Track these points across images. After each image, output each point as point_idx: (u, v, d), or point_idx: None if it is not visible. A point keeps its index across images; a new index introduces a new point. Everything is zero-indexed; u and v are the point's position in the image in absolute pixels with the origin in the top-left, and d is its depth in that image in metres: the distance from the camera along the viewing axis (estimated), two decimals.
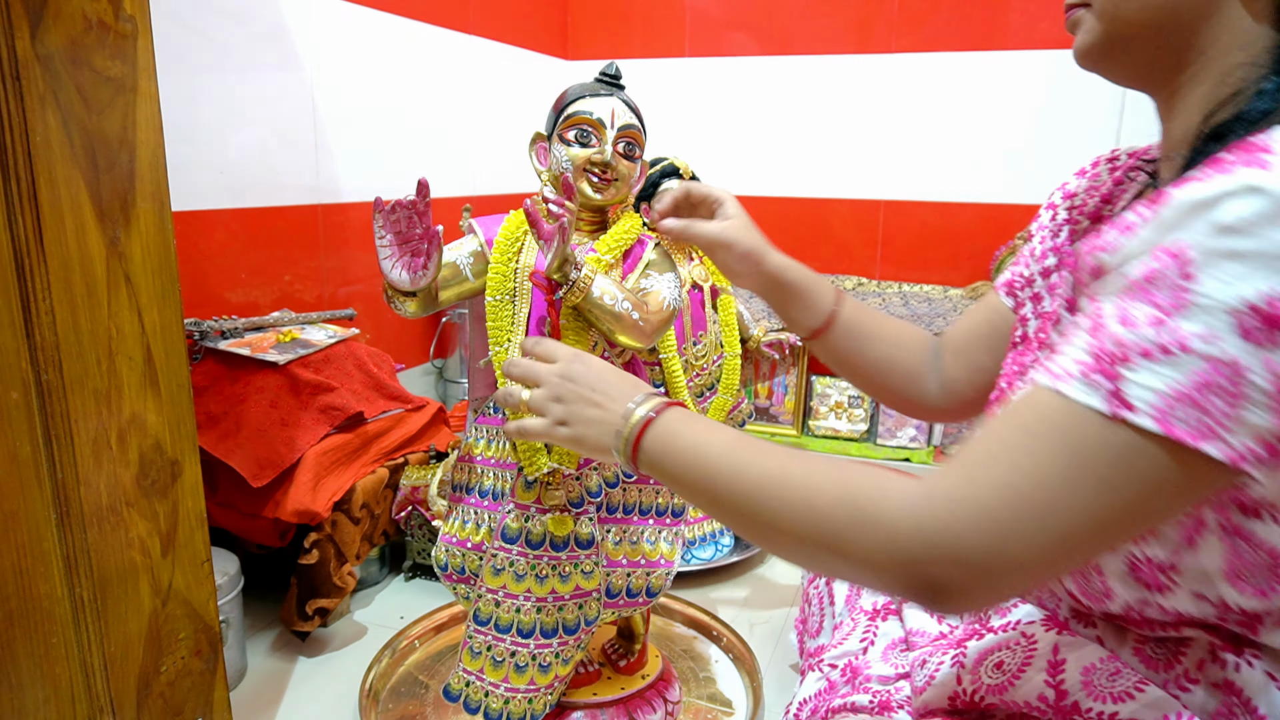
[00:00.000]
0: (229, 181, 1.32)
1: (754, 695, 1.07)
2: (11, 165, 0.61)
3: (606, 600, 0.91)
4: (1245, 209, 0.41)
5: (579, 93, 0.86)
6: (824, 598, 0.90)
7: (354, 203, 1.58)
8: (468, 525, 0.92)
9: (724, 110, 2.21)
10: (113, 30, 0.67)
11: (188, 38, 1.23)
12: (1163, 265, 0.43)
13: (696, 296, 1.41)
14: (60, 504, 0.67)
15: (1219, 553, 0.49)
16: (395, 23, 1.66)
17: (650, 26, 2.24)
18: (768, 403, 1.79)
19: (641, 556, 0.92)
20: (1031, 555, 0.45)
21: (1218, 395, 0.41)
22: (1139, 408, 0.42)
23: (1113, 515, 0.44)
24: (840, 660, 0.78)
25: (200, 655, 0.83)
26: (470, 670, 0.90)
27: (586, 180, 0.86)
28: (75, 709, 0.70)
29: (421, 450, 1.32)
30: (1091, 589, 0.57)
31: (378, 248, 0.78)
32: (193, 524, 0.80)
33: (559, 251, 0.76)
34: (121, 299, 0.70)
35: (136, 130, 0.70)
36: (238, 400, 1.17)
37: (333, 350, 1.29)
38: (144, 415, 0.74)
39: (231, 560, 1.10)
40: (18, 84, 0.61)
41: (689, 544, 1.43)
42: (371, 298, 1.64)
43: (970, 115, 1.99)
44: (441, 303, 0.86)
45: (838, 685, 0.74)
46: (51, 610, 0.68)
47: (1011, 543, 0.44)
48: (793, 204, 2.18)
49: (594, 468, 0.88)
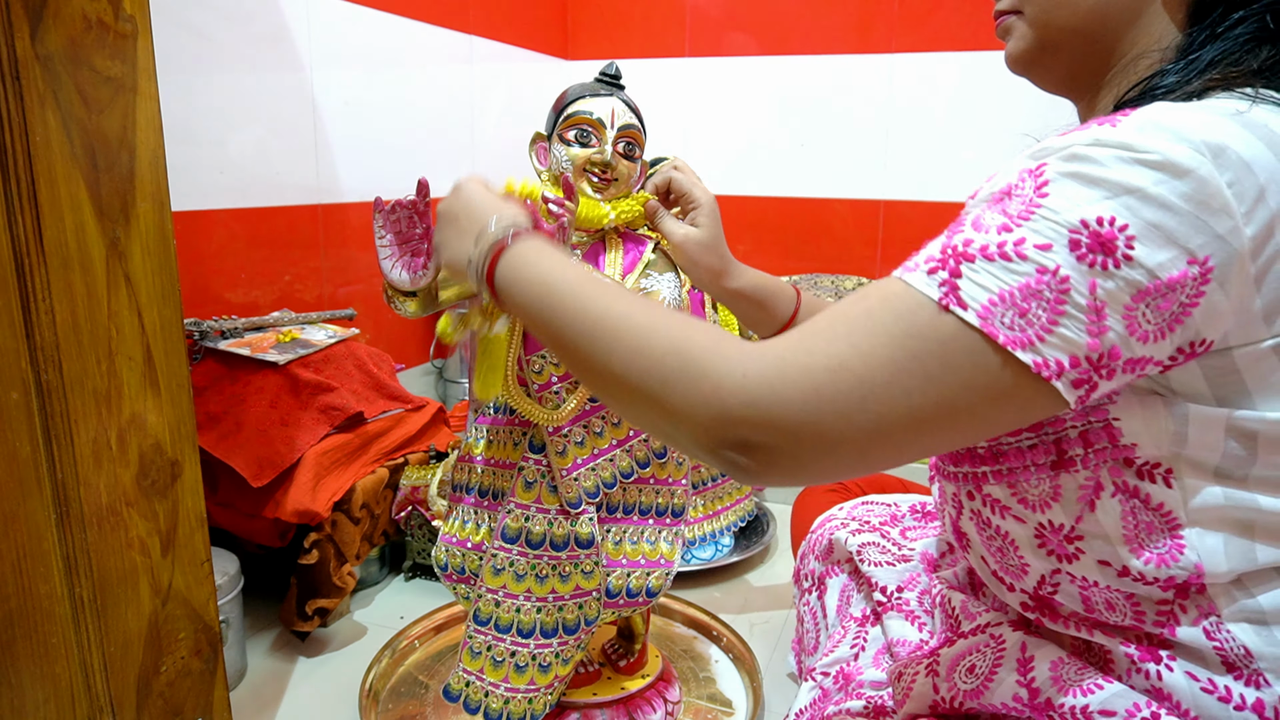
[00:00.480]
0: (229, 181, 1.32)
1: (754, 695, 1.07)
2: (11, 165, 0.61)
3: (606, 600, 0.91)
4: (1097, 146, 0.44)
5: (579, 93, 0.86)
6: (816, 614, 0.90)
7: (354, 203, 1.58)
8: (468, 525, 0.92)
9: (724, 110, 2.20)
10: (112, 30, 0.67)
11: (188, 38, 1.23)
12: (1020, 181, 0.46)
13: (696, 296, 1.41)
14: (60, 504, 0.67)
15: (1116, 515, 0.51)
16: (395, 23, 1.66)
17: (650, 26, 2.24)
18: None
19: (641, 556, 0.92)
20: (847, 432, 0.45)
21: (1040, 304, 0.43)
22: (968, 304, 0.44)
23: (931, 408, 0.45)
24: (832, 668, 0.78)
25: (200, 655, 0.83)
26: (470, 670, 0.90)
27: (586, 180, 0.86)
28: (75, 709, 0.70)
29: (421, 450, 1.32)
30: (1008, 563, 0.58)
31: (378, 248, 0.78)
32: (193, 524, 0.80)
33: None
34: (121, 299, 0.70)
35: (136, 130, 0.70)
36: (238, 400, 1.17)
37: (333, 350, 1.29)
38: (144, 415, 0.74)
39: (231, 560, 1.10)
40: (18, 84, 0.61)
41: (689, 544, 1.43)
42: (371, 298, 1.64)
43: (970, 115, 1.99)
44: (441, 303, 0.86)
45: (831, 693, 0.75)
46: (51, 610, 0.68)
47: (829, 415, 0.45)
48: (793, 204, 2.18)
49: (592, 468, 0.88)
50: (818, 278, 2.11)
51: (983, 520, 0.59)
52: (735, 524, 1.47)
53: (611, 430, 0.89)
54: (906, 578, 0.79)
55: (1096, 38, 0.57)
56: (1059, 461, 0.52)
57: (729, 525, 1.46)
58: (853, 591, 0.86)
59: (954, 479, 0.60)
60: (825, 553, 0.91)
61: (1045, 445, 0.52)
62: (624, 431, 0.89)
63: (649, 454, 0.91)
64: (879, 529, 0.87)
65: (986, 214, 0.46)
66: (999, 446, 0.55)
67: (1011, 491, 0.55)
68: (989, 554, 0.60)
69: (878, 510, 0.94)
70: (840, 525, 0.90)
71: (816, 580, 0.91)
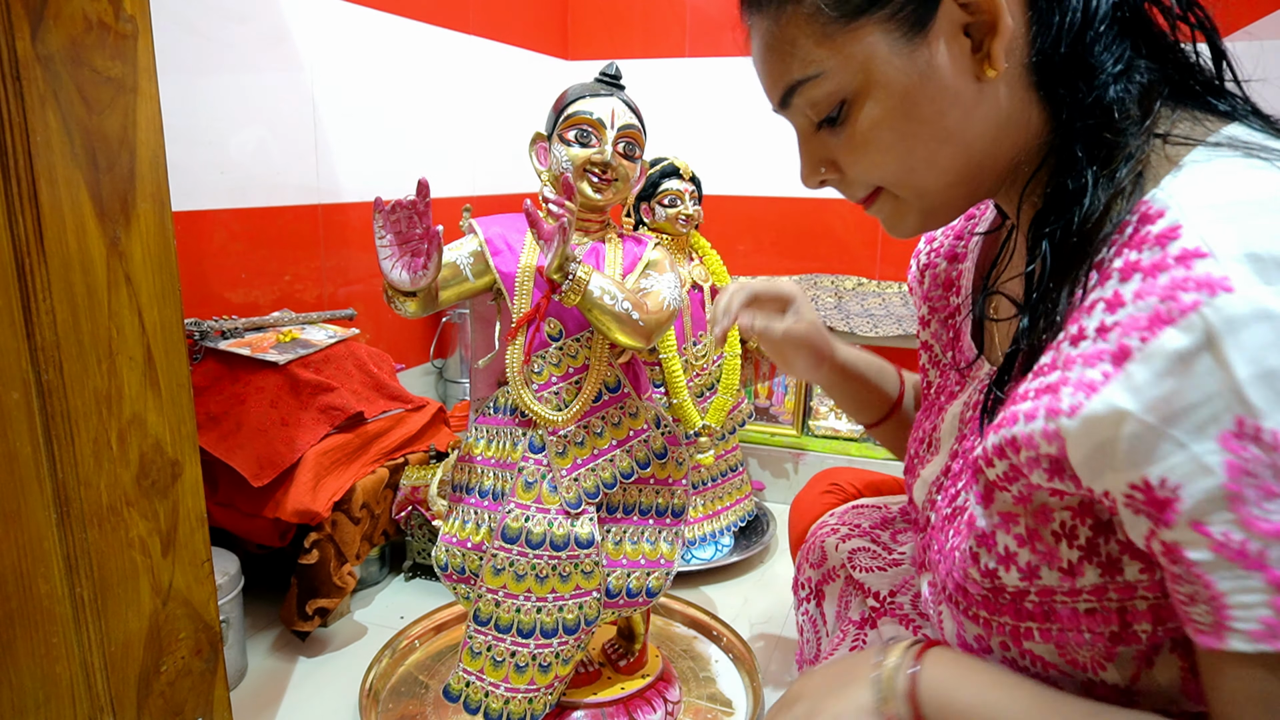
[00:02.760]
0: (229, 181, 1.32)
1: (754, 695, 1.07)
2: (12, 165, 0.61)
3: (606, 600, 0.91)
4: (1267, 338, 0.37)
5: (579, 93, 0.86)
6: (816, 621, 0.90)
7: (354, 203, 1.58)
8: (468, 525, 0.92)
9: (724, 110, 2.20)
10: (113, 30, 0.67)
11: (188, 38, 1.23)
12: (1241, 454, 0.38)
13: (696, 296, 1.41)
14: (61, 504, 0.67)
15: (1176, 671, 0.48)
16: (395, 23, 1.66)
17: (650, 26, 2.24)
18: (768, 403, 1.79)
19: (641, 556, 0.92)
20: None
21: None
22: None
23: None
24: None
25: (200, 655, 0.83)
26: (470, 670, 0.90)
27: (587, 180, 0.86)
28: (75, 709, 0.70)
29: (421, 450, 1.32)
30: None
31: (378, 248, 0.78)
32: (193, 524, 0.80)
33: (559, 251, 0.76)
34: (122, 299, 0.70)
35: (137, 130, 0.70)
36: (238, 400, 1.17)
37: (333, 350, 1.29)
38: (144, 415, 0.74)
39: (231, 560, 1.10)
40: (18, 84, 0.61)
41: (689, 544, 1.43)
42: (371, 298, 1.64)
43: None
44: (441, 303, 0.86)
45: None
46: (52, 610, 0.68)
47: None
48: (793, 204, 2.18)
49: (592, 468, 0.88)
50: (818, 278, 2.11)
51: (1019, 667, 0.54)
52: (735, 524, 1.47)
53: (611, 430, 0.89)
54: (899, 582, 0.79)
55: (973, 174, 0.54)
56: (1120, 633, 0.48)
57: (729, 525, 1.46)
58: (850, 596, 0.86)
59: (982, 624, 0.54)
60: (819, 560, 0.91)
61: (1106, 613, 0.48)
62: (624, 432, 0.90)
63: (649, 454, 0.91)
64: (869, 533, 0.87)
65: (1248, 519, 0.38)
66: (1051, 604, 0.50)
67: (1060, 652, 0.51)
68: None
69: (868, 514, 0.94)
70: (831, 531, 0.90)
71: (814, 589, 0.91)
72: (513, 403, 0.88)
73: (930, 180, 0.54)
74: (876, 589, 0.79)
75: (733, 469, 1.48)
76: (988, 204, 0.71)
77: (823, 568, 0.91)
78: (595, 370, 0.87)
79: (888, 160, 0.54)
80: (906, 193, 0.56)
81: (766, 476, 1.79)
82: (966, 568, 0.54)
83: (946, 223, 0.59)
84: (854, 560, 0.84)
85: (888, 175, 0.55)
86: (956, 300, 0.72)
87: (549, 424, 0.86)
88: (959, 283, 0.73)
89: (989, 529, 0.51)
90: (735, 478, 1.48)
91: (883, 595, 0.79)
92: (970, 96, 0.51)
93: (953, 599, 0.57)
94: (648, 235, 0.93)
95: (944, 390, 0.70)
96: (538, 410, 0.86)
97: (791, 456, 1.76)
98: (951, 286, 0.74)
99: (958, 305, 0.72)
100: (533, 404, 0.86)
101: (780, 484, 1.78)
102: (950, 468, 0.64)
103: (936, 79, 0.50)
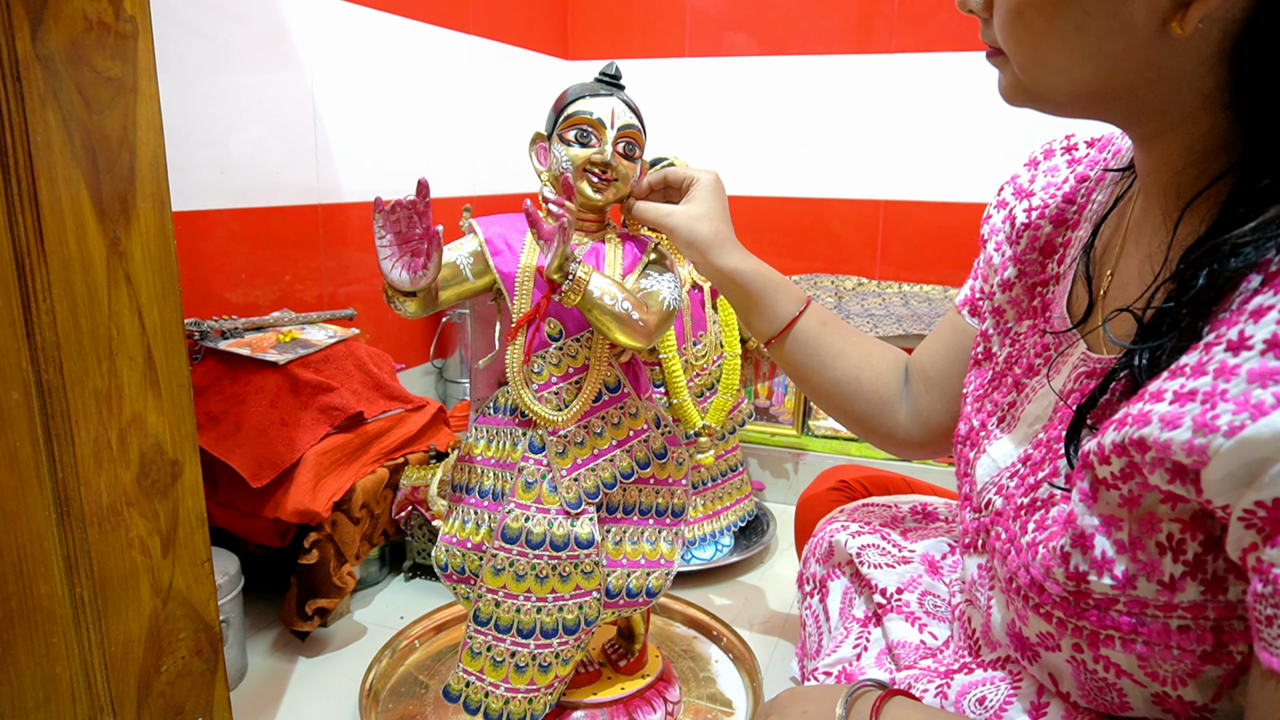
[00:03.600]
0: (229, 181, 1.32)
1: (754, 695, 1.07)
2: (11, 165, 0.61)
3: (606, 600, 0.91)
4: None
5: (579, 93, 0.86)
6: (819, 617, 0.90)
7: (354, 203, 1.58)
8: (468, 525, 0.92)
9: (724, 110, 2.21)
10: (113, 30, 0.67)
11: (188, 38, 1.23)
12: None
13: (696, 296, 1.41)
14: (60, 504, 0.67)
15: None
16: (395, 23, 1.66)
17: (650, 26, 2.24)
18: (768, 403, 1.79)
19: (641, 556, 0.92)
20: None
21: None
22: None
23: None
24: (834, 668, 0.78)
25: (200, 655, 0.83)
26: (470, 670, 0.90)
27: (586, 180, 0.86)
28: (75, 709, 0.70)
29: (421, 450, 1.32)
30: (1103, 699, 0.54)
31: (378, 248, 0.78)
32: (193, 524, 0.80)
33: (559, 251, 0.76)
34: (122, 299, 0.70)
35: (137, 130, 0.70)
36: (238, 400, 1.17)
37: (333, 350, 1.29)
38: (144, 415, 0.74)
39: (231, 560, 1.10)
40: (18, 84, 0.61)
41: (689, 544, 1.43)
42: (371, 298, 1.64)
43: (970, 115, 1.99)
44: (441, 303, 0.86)
45: None
46: (51, 610, 0.68)
47: None
48: (793, 204, 2.18)
49: (592, 468, 0.88)
50: (817, 278, 2.11)
51: (1086, 670, 0.52)
52: (735, 524, 1.47)
53: (611, 430, 0.89)
54: (906, 579, 0.79)
55: (1105, 104, 0.50)
56: (1213, 653, 0.46)
57: (729, 525, 1.47)
58: (854, 594, 0.86)
59: (1055, 623, 0.53)
60: (826, 555, 0.91)
61: (1200, 632, 0.46)
62: (624, 432, 0.90)
63: (649, 454, 0.91)
64: (879, 530, 0.87)
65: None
66: (1140, 616, 0.48)
67: (1140, 664, 0.49)
68: (1076, 687, 0.55)
69: (878, 512, 0.94)
70: (840, 528, 0.90)
71: (818, 583, 0.91)
72: (513, 403, 0.88)
73: (1057, 84, 0.51)
74: (884, 585, 0.79)
75: (733, 469, 1.48)
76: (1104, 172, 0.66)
77: (829, 562, 0.91)
78: (595, 370, 0.87)
79: (1025, 41, 0.51)
80: (1029, 79, 0.52)
81: (766, 476, 1.79)
82: (1050, 566, 0.51)
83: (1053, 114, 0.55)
84: (863, 556, 0.83)
85: (1019, 56, 0.52)
86: (1057, 269, 0.67)
87: (549, 424, 0.86)
88: (1065, 251, 0.67)
89: (1089, 530, 0.49)
90: (735, 478, 1.48)
91: (890, 592, 0.78)
92: (1146, 38, 0.46)
93: (1021, 592, 0.55)
94: (648, 235, 0.93)
95: (1018, 362, 0.66)
96: (538, 410, 0.86)
97: (791, 456, 1.76)
98: (1054, 253, 0.68)
99: (1057, 274, 0.67)
100: (533, 404, 0.86)
101: (780, 484, 1.78)
102: (1031, 455, 0.60)
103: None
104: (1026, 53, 0.52)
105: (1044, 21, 0.49)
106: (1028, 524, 0.56)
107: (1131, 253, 0.59)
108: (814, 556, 0.93)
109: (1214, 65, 0.46)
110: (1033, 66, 0.52)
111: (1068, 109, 0.54)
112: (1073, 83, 0.50)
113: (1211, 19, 0.44)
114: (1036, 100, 0.54)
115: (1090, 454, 0.48)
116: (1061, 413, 0.59)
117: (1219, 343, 0.42)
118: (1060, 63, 0.50)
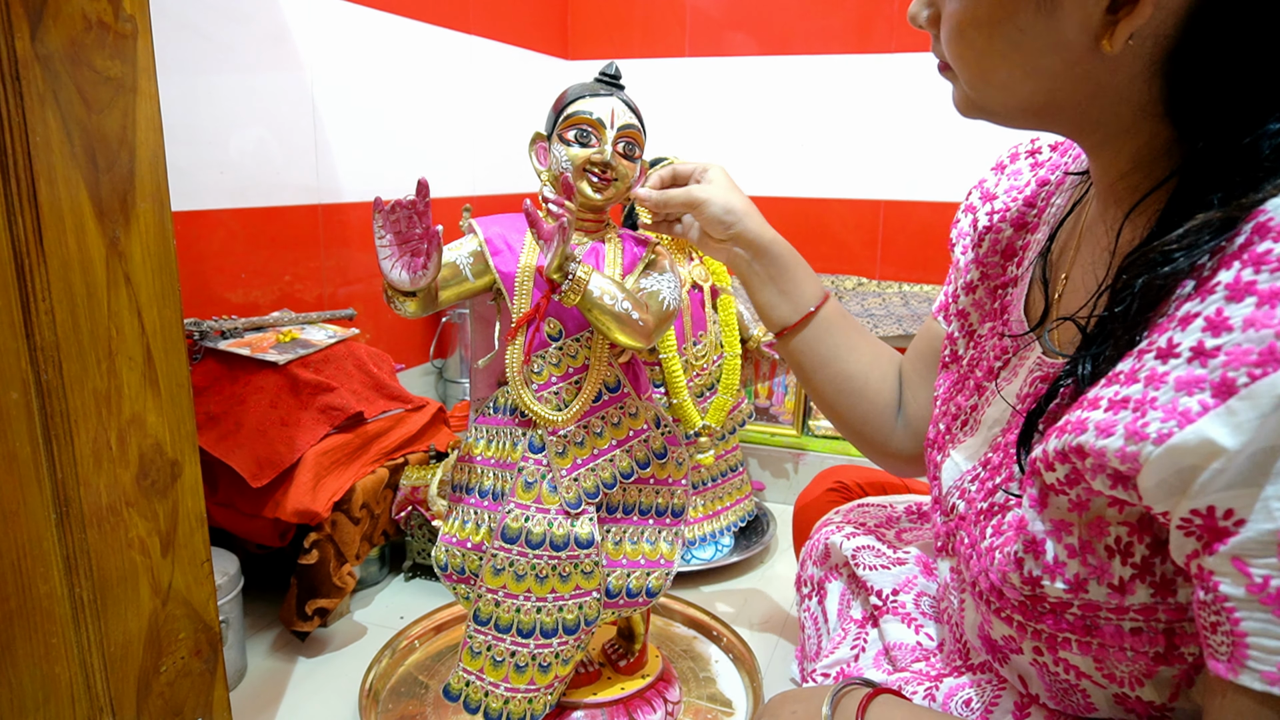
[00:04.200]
0: (229, 181, 1.32)
1: (754, 695, 1.07)
2: (11, 165, 0.61)
3: (606, 600, 0.91)
4: None
5: (579, 93, 0.86)
6: (818, 619, 0.90)
7: (354, 203, 1.58)
8: (468, 525, 0.92)
9: (724, 110, 2.21)
10: (113, 30, 0.67)
11: (188, 38, 1.23)
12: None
13: (696, 296, 1.41)
14: (60, 504, 0.67)
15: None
16: (395, 23, 1.66)
17: (650, 26, 2.24)
18: (768, 403, 1.79)
19: (641, 556, 0.92)
20: None
21: None
22: None
23: None
24: (832, 669, 0.78)
25: (200, 655, 0.83)
26: (470, 670, 0.90)
27: (586, 180, 0.86)
28: (75, 709, 0.70)
29: (421, 450, 1.32)
30: (1069, 701, 0.54)
31: (377, 248, 0.78)
32: (193, 524, 0.80)
33: (559, 251, 0.76)
34: (121, 299, 0.70)
35: (136, 130, 0.70)
36: (238, 400, 1.17)
37: (333, 350, 1.29)
38: (144, 415, 0.74)
39: (231, 560, 1.10)
40: (18, 84, 0.61)
41: (689, 544, 1.43)
42: (371, 298, 1.64)
43: None
44: (441, 303, 0.86)
45: None
46: (51, 610, 0.68)
47: None
48: (793, 204, 2.18)
49: (592, 468, 0.88)
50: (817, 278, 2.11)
51: (1049, 672, 0.53)
52: (735, 524, 1.47)
53: (611, 430, 0.89)
54: (902, 580, 0.79)
55: (1050, 116, 0.51)
56: (1165, 654, 0.47)
57: (729, 525, 1.46)
58: (852, 595, 0.86)
59: (1015, 626, 0.53)
60: (823, 557, 0.91)
61: (1153, 634, 0.47)
62: (624, 432, 0.89)
63: (649, 454, 0.91)
64: (874, 531, 0.87)
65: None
66: (1094, 619, 0.48)
67: (1097, 665, 0.50)
68: (1044, 689, 0.55)
69: (873, 512, 0.94)
70: (836, 529, 0.90)
71: (816, 585, 0.91)
72: (512, 403, 0.88)
73: (1002, 98, 0.52)
74: (879, 587, 0.79)
75: (733, 469, 1.48)
76: (1064, 176, 0.67)
77: (826, 564, 0.91)
78: (595, 370, 0.87)
79: (968, 58, 0.52)
80: (975, 94, 0.54)
81: (766, 476, 1.79)
82: (1006, 571, 0.52)
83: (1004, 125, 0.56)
84: (858, 558, 0.83)
85: (964, 72, 0.53)
86: (1016, 271, 0.68)
87: (549, 424, 0.86)
88: (1024, 254, 0.68)
89: (1040, 535, 0.49)
90: (735, 478, 1.48)
91: (885, 594, 0.78)
92: (1080, 54, 0.47)
93: (984, 597, 0.55)
94: (648, 235, 0.93)
95: (979, 364, 0.67)
96: (537, 410, 0.86)
97: (791, 456, 1.76)
98: (1013, 256, 0.69)
99: (1015, 277, 0.68)
100: (532, 404, 0.86)
101: (780, 484, 1.78)
102: (990, 459, 0.61)
103: (1055, 16, 0.47)
104: (970, 69, 0.53)
105: (984, 40, 0.50)
106: (986, 529, 0.57)
107: (1084, 257, 0.60)
108: (811, 559, 0.93)
109: (1149, 78, 0.48)
110: (978, 82, 0.53)
111: (1016, 121, 0.55)
112: (1016, 97, 0.52)
113: (1141, 35, 0.45)
114: (986, 113, 0.56)
115: (1037, 461, 0.49)
116: (1017, 417, 0.59)
117: (1150, 350, 0.43)
118: (1002, 78, 0.51)
